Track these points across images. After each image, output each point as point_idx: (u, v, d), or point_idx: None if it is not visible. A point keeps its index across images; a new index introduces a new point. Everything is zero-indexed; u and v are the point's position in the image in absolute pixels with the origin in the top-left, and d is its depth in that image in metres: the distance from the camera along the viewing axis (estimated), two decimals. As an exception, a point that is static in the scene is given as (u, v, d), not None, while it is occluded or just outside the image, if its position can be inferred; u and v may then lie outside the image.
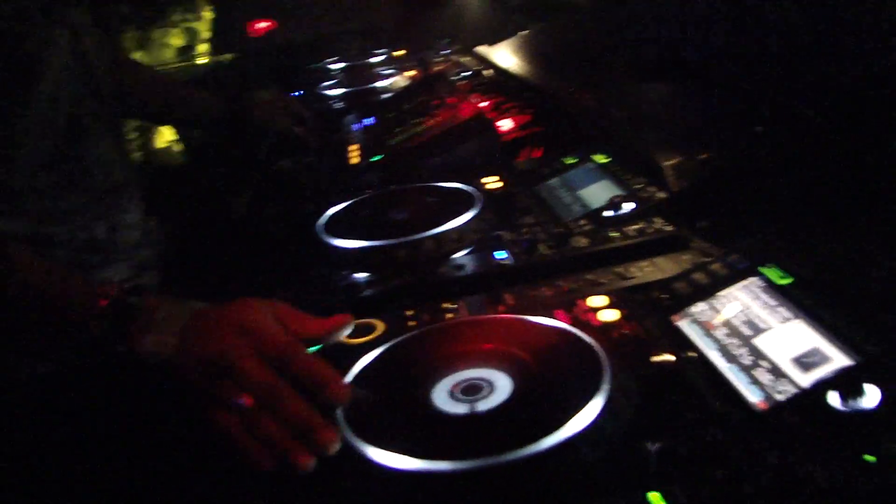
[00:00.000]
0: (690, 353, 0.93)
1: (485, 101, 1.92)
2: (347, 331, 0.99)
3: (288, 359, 0.90)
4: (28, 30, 1.26)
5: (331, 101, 2.48)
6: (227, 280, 1.57)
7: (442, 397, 0.87)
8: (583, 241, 1.23)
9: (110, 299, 1.00)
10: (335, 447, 0.83)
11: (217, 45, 3.71)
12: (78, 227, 1.41)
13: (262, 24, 3.72)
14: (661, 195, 1.31)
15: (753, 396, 0.83)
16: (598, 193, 1.39)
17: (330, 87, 2.61)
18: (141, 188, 1.62)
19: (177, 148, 3.11)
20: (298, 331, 0.95)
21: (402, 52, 3.10)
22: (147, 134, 3.09)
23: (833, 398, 0.78)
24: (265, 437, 0.86)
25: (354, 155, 1.93)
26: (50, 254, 1.33)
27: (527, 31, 2.58)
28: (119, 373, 1.03)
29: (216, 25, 3.70)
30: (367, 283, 1.22)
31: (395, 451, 0.79)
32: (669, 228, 1.24)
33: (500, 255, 1.23)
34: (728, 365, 0.89)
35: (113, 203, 1.51)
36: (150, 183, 1.65)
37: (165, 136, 3.14)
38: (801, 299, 0.93)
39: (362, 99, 2.46)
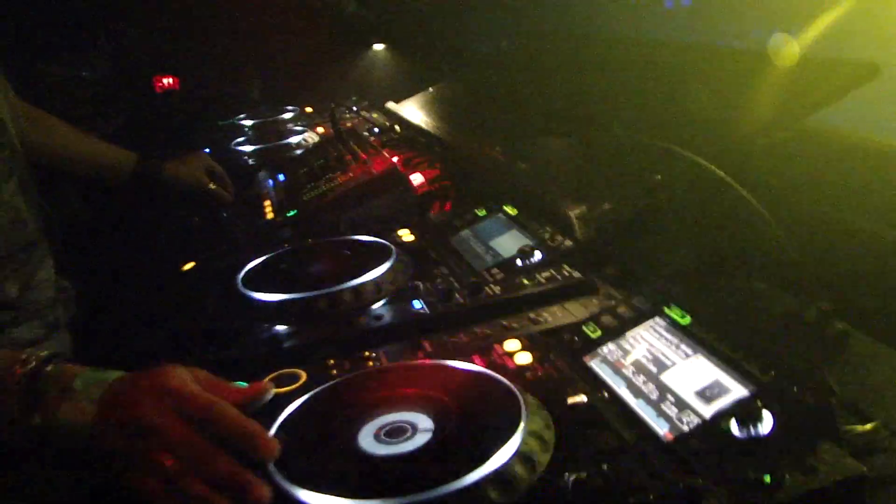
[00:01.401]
0: (602, 391, 0.99)
1: (396, 155, 1.97)
2: (268, 397, 0.99)
3: (212, 416, 0.90)
4: None
5: (243, 158, 2.50)
6: (143, 338, 1.56)
7: (368, 440, 0.91)
8: (496, 290, 1.28)
9: (26, 368, 0.99)
10: (268, 502, 0.84)
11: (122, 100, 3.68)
12: None
13: (167, 81, 3.71)
14: (569, 244, 1.38)
15: (661, 428, 0.89)
16: (508, 243, 1.45)
17: (241, 144, 2.63)
18: (52, 246, 1.61)
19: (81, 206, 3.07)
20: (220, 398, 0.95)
21: (311, 109, 3.15)
22: (54, 191, 3.04)
23: (733, 426, 0.84)
24: (194, 498, 0.85)
25: (269, 210, 1.95)
26: None
27: (433, 88, 2.66)
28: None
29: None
30: (288, 335, 1.25)
31: (327, 494, 0.81)
32: (577, 275, 1.30)
33: (417, 304, 1.27)
34: (636, 400, 0.95)
35: (25, 260, 1.50)
36: (62, 240, 1.63)
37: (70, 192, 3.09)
38: (700, 336, 1.00)
39: (274, 155, 2.48)
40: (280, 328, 1.28)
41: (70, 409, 0.95)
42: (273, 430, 0.95)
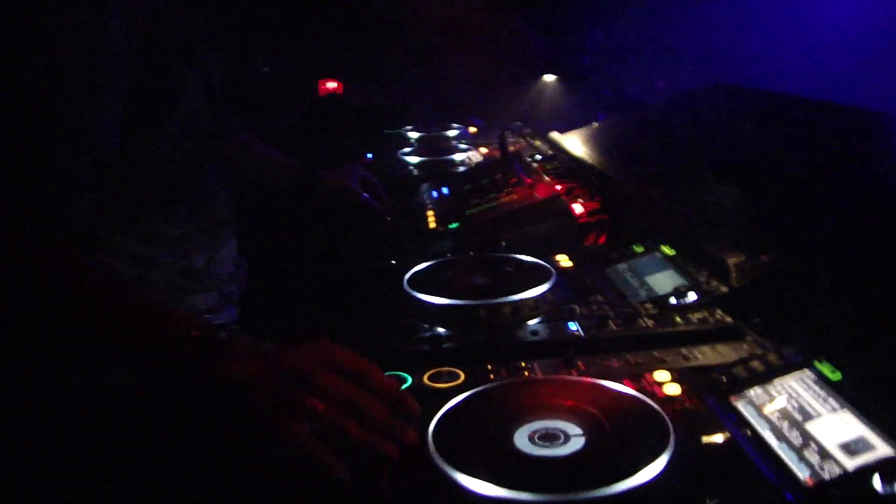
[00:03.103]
0: (746, 431, 1.04)
1: (559, 184, 2.06)
2: (413, 414, 1.06)
3: (367, 376, 1.02)
4: (168, 71, 1.40)
5: (408, 167, 2.63)
6: (306, 322, 1.69)
7: (523, 440, 0.99)
8: (649, 322, 1.35)
9: (201, 331, 1.09)
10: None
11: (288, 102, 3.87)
12: (179, 254, 1.54)
13: (331, 85, 3.88)
14: (723, 289, 1.43)
15: (802, 473, 0.94)
16: (663, 281, 1.51)
17: (407, 154, 2.77)
18: (238, 226, 1.75)
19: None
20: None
21: (475, 129, 3.27)
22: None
23: (876, 482, 0.88)
24: (352, 438, 0.96)
25: (432, 220, 2.07)
26: (150, 275, 1.45)
27: (597, 124, 2.73)
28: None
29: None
30: (448, 337, 1.34)
31: (483, 481, 0.90)
32: (729, 320, 1.35)
33: (573, 326, 1.35)
34: (779, 443, 1.00)
35: (214, 236, 1.64)
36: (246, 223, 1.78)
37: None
38: (849, 393, 1.03)
39: (438, 168, 2.61)
40: (441, 330, 1.37)
41: (238, 367, 1.04)
42: (437, 418, 1.04)
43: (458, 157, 2.70)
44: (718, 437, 1.01)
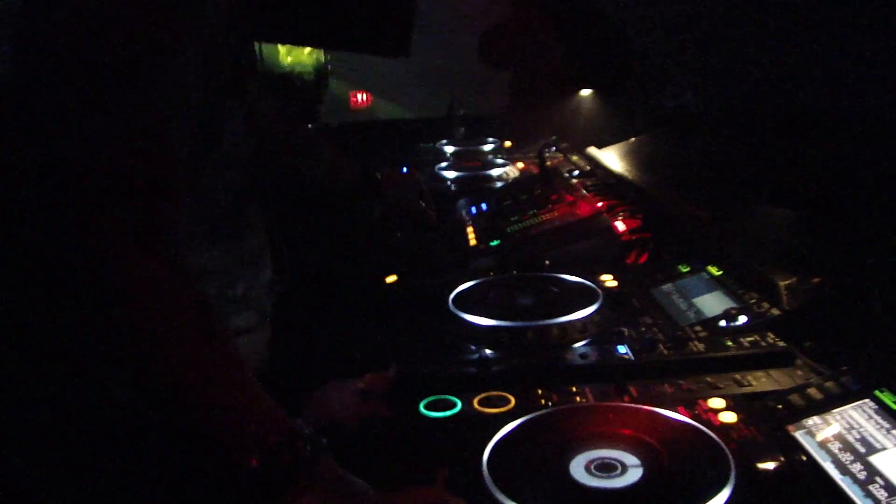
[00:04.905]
0: (805, 462, 1.01)
1: (600, 201, 2.04)
2: None
3: None
4: (216, 103, 1.39)
5: (445, 183, 2.63)
6: (346, 340, 1.68)
7: (579, 470, 0.97)
8: (699, 347, 1.32)
9: (281, 438, 0.96)
10: None
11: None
12: (221, 284, 1.53)
13: (361, 97, 3.88)
14: (775, 312, 1.40)
15: (868, 508, 0.91)
16: (712, 303, 1.48)
17: (444, 169, 2.76)
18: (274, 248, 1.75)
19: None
20: None
21: (510, 143, 3.26)
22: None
23: (946, 519, 0.85)
24: None
25: (472, 237, 2.05)
26: None
27: (636, 139, 2.71)
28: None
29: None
30: (496, 360, 1.33)
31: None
32: (781, 344, 1.32)
33: (622, 349, 1.33)
34: (842, 477, 0.97)
35: (253, 265, 1.64)
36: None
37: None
38: (915, 425, 1.01)
39: (474, 183, 2.60)
40: (488, 351, 1.36)
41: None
42: (489, 448, 1.03)
43: (495, 171, 2.69)
44: (778, 469, 0.99)
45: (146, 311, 1.01)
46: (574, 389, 1.22)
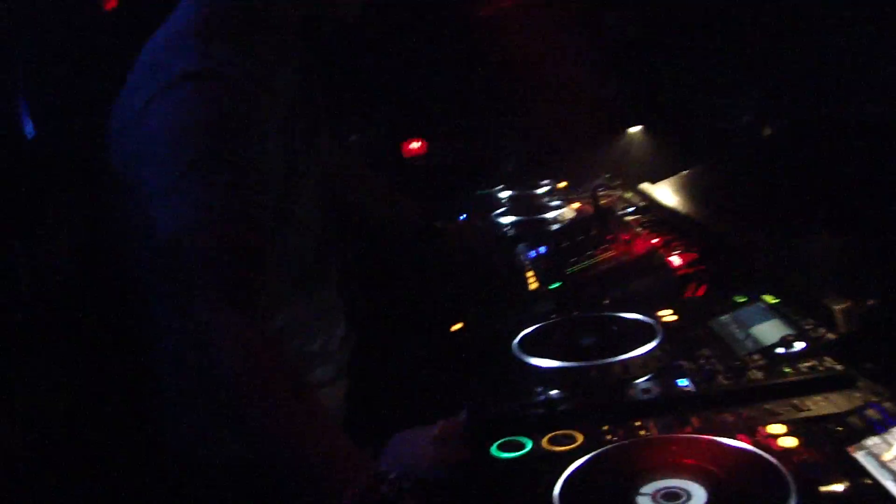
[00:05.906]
0: (867, 483, 1.05)
1: (654, 237, 2.09)
2: None
3: None
4: (293, 164, 1.47)
5: (504, 228, 2.70)
6: (418, 386, 1.75)
7: (646, 501, 1.03)
8: (758, 375, 1.37)
9: (361, 490, 1.04)
10: None
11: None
12: (299, 340, 1.61)
13: (415, 145, 3.95)
14: (831, 336, 1.44)
15: (932, 525, 0.95)
16: (769, 331, 1.52)
17: (501, 215, 2.83)
18: (346, 303, 1.83)
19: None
20: None
21: (565, 183, 3.31)
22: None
23: None
24: None
25: (532, 281, 2.12)
26: None
27: (688, 171, 2.75)
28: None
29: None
30: (561, 399, 1.39)
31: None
32: (839, 367, 1.36)
33: (682, 382, 1.38)
34: (904, 493, 1.01)
35: (328, 320, 1.72)
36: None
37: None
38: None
39: (532, 227, 2.66)
40: (553, 392, 1.42)
41: None
42: (560, 484, 1.09)
43: (550, 214, 2.75)
44: (840, 490, 1.03)
45: (245, 373, 1.11)
46: (638, 423, 1.27)
